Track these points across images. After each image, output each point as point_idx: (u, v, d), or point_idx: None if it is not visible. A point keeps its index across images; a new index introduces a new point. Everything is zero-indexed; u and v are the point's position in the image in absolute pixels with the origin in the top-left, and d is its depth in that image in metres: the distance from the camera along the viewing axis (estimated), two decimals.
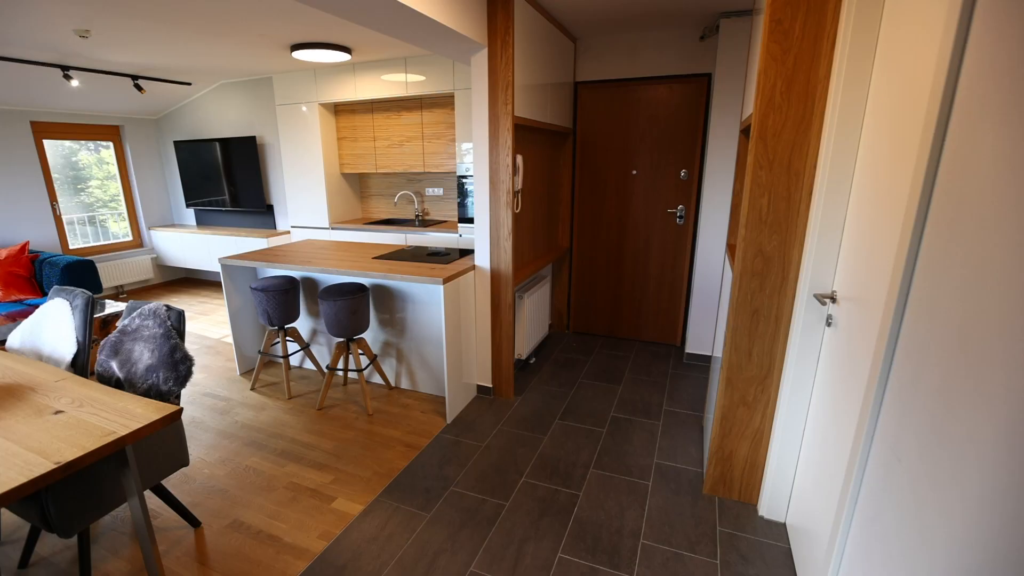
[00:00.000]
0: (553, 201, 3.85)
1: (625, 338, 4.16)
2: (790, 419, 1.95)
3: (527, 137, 3.16)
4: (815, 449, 1.77)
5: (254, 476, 2.45)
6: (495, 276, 2.95)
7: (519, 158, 2.86)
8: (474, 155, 2.84)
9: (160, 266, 6.16)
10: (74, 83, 4.45)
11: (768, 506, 2.10)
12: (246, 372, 3.59)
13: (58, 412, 1.66)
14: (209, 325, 4.67)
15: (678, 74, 3.48)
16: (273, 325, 3.09)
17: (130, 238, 5.92)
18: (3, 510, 2.23)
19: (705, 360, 3.64)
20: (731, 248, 2.54)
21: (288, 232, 5.25)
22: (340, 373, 3.46)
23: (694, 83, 3.47)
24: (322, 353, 3.58)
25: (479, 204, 2.89)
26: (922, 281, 1.01)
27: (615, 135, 3.78)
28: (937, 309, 0.94)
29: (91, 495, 1.70)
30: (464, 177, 4.01)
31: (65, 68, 4.13)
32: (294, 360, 3.70)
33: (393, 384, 3.34)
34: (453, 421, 2.90)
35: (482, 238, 2.93)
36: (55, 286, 2.56)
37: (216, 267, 5.48)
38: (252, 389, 3.33)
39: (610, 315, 4.16)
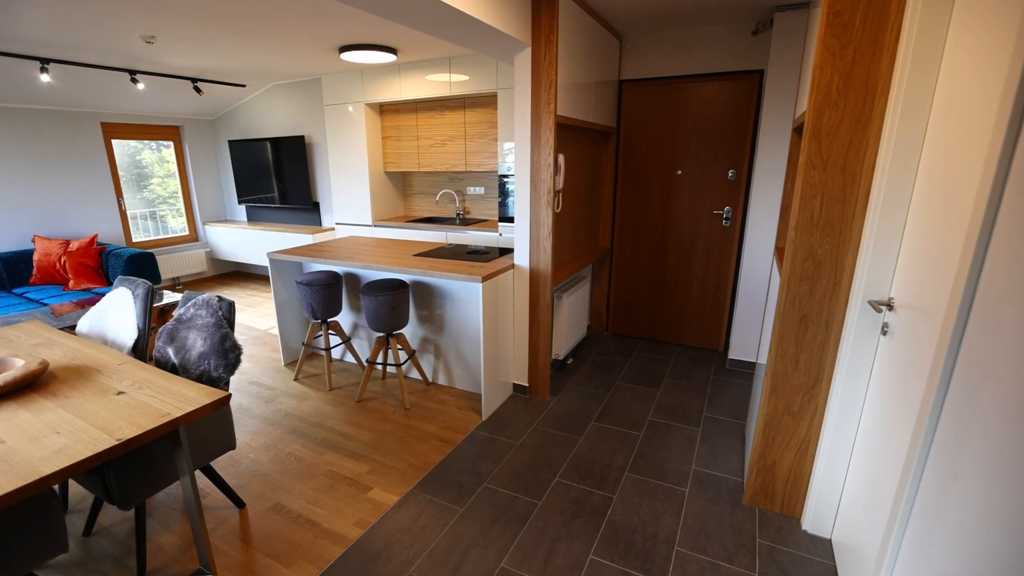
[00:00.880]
0: (594, 201, 3.82)
1: (665, 342, 4.08)
2: (839, 431, 1.87)
3: (569, 136, 3.14)
4: (866, 463, 1.69)
5: (295, 463, 2.53)
6: (534, 275, 2.95)
7: (561, 157, 2.85)
8: (515, 154, 2.84)
9: (213, 259, 6.46)
10: (140, 86, 4.73)
11: (813, 520, 2.01)
12: (290, 363, 3.71)
13: (120, 393, 1.76)
14: (256, 317, 4.86)
15: (728, 71, 3.38)
16: (316, 318, 3.18)
17: (187, 233, 6.25)
18: (70, 481, 2.39)
19: (749, 367, 3.52)
20: (779, 251, 2.45)
21: (333, 229, 5.41)
22: (379, 367, 3.54)
23: (745, 80, 3.37)
24: (362, 347, 3.66)
25: (519, 203, 2.89)
26: (988, 289, 0.95)
27: (660, 134, 3.71)
28: (1003, 319, 0.88)
29: (147, 472, 1.80)
30: (505, 176, 4.02)
31: (132, 72, 4.40)
32: (335, 353, 3.80)
33: (430, 380, 3.39)
34: (488, 418, 2.92)
35: (522, 237, 2.93)
36: (119, 276, 2.72)
37: (264, 261, 5.70)
38: (295, 379, 3.44)
39: (650, 318, 4.08)
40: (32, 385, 1.83)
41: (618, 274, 4.13)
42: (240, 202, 6.07)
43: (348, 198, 4.99)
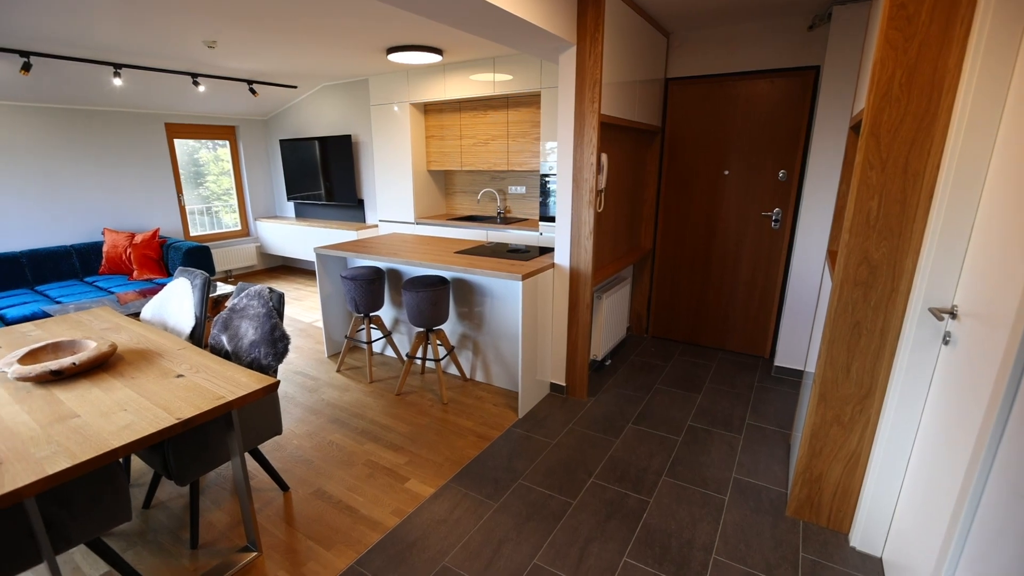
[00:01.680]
0: (637, 201, 3.77)
1: (707, 346, 3.98)
2: (893, 443, 1.78)
3: (612, 135, 3.11)
4: (922, 479, 1.60)
5: (336, 451, 2.62)
6: (574, 275, 2.94)
7: (604, 157, 2.83)
8: (558, 153, 2.84)
9: (263, 253, 6.74)
10: (201, 88, 4.99)
11: (862, 537, 1.93)
12: (333, 355, 3.83)
13: (179, 376, 1.87)
14: (302, 310, 5.04)
15: (781, 68, 3.27)
16: (359, 312, 3.28)
17: (239, 228, 6.54)
18: (132, 456, 2.56)
19: (796, 375, 3.39)
20: (832, 255, 2.35)
21: (376, 226, 5.54)
22: (418, 362, 3.61)
23: (799, 77, 3.24)
24: (402, 342, 3.74)
25: (561, 202, 2.89)
26: None
27: (707, 133, 3.62)
28: None
29: (202, 451, 1.91)
30: (547, 175, 4.02)
31: (194, 75, 4.64)
32: (376, 347, 3.90)
33: (468, 376, 3.43)
34: (524, 416, 2.93)
35: (563, 236, 2.92)
36: (179, 267, 2.89)
37: (309, 256, 5.90)
38: (338, 371, 3.55)
39: (692, 321, 3.99)
40: (103, 365, 1.97)
41: (660, 276, 4.06)
42: (289, 199, 6.31)
43: (391, 196, 5.11)
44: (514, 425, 2.84)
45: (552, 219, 4.06)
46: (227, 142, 6.26)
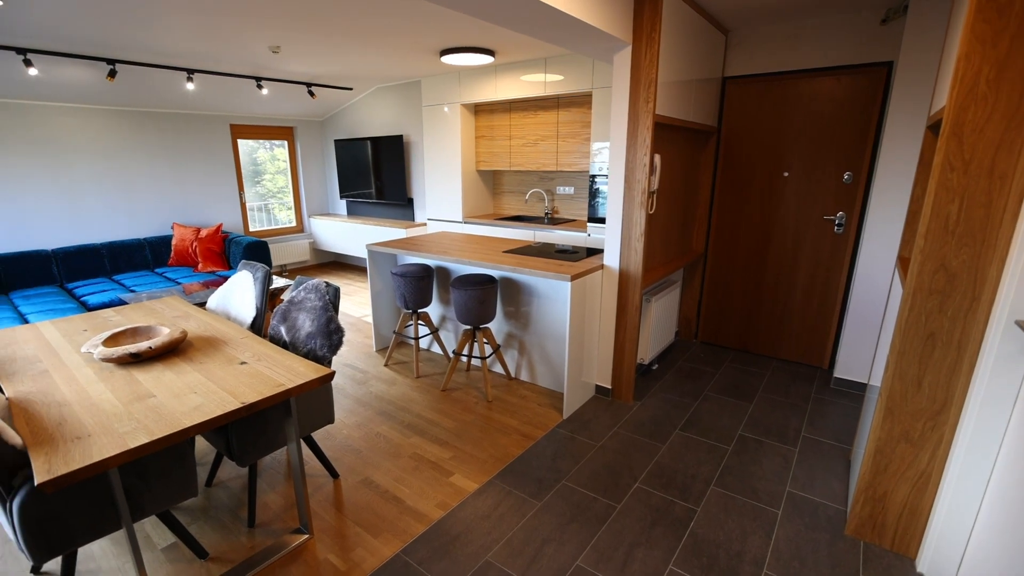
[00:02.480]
0: (689, 203, 3.68)
1: (760, 354, 3.84)
2: (971, 465, 1.66)
3: (666, 136, 3.06)
4: (1004, 505, 1.49)
5: (383, 442, 2.68)
6: (623, 277, 2.90)
7: (657, 157, 2.78)
8: (610, 154, 2.81)
9: (315, 249, 7.00)
10: (264, 91, 5.23)
11: (931, 563, 1.81)
12: (381, 349, 3.94)
13: (243, 363, 1.97)
14: (352, 305, 5.20)
15: (849, 64, 3.11)
16: (408, 308, 3.35)
17: (294, 224, 6.82)
18: (197, 437, 2.71)
19: (858, 387, 3.22)
20: (903, 262, 2.22)
21: (425, 224, 5.65)
22: (464, 359, 3.65)
23: (869, 73, 3.08)
24: (448, 339, 3.80)
25: (612, 203, 2.86)
26: None
27: (765, 134, 3.50)
28: None
29: (261, 435, 2.00)
30: (597, 176, 3.99)
31: (258, 79, 4.87)
32: (423, 343, 3.97)
33: (513, 375, 3.45)
34: (569, 417, 2.91)
35: (613, 238, 2.89)
36: (242, 260, 3.04)
37: (359, 252, 6.08)
38: (385, 365, 3.64)
39: (745, 327, 3.86)
40: (175, 350, 2.09)
41: (712, 280, 3.95)
42: (342, 197, 6.53)
43: (440, 195, 5.20)
44: (558, 426, 2.83)
45: (600, 220, 4.02)
46: (285, 142, 6.54)
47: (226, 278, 4.80)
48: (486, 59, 4.01)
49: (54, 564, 1.92)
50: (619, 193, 2.82)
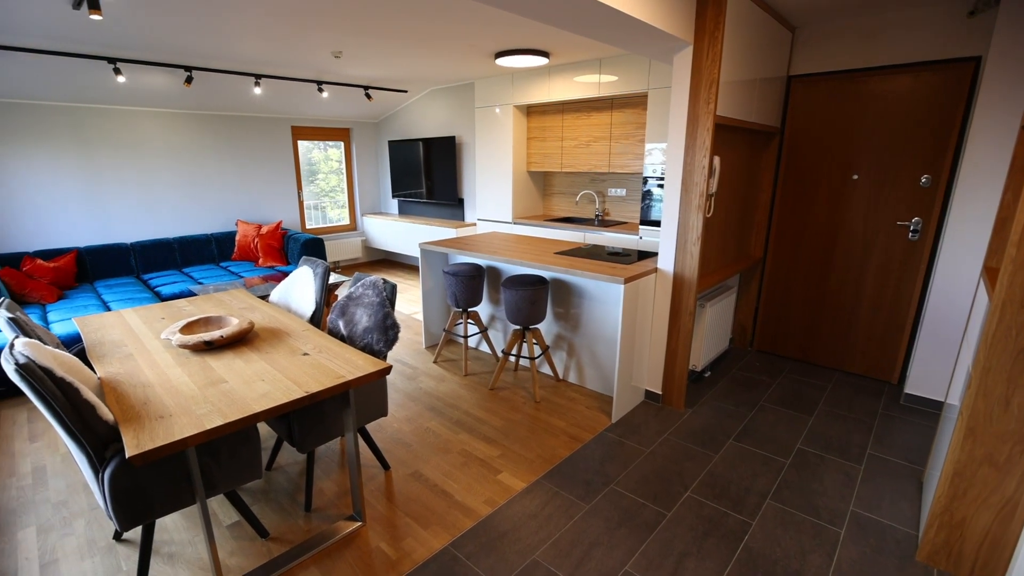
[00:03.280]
0: (748, 207, 3.55)
1: (822, 366, 3.66)
2: None
3: (726, 137, 2.97)
4: None
5: (433, 437, 2.73)
6: (678, 281, 2.84)
7: (716, 159, 2.70)
8: (667, 156, 2.76)
9: (367, 247, 7.21)
10: (324, 94, 5.44)
11: None
12: (430, 346, 4.01)
13: (305, 354, 2.05)
14: (402, 302, 5.32)
15: (930, 60, 2.91)
16: (459, 307, 3.40)
17: (347, 222, 7.05)
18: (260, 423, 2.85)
19: (933, 405, 3.01)
20: (990, 272, 2.06)
21: (474, 224, 5.72)
22: (512, 359, 3.67)
23: (953, 70, 2.87)
24: (497, 338, 3.83)
25: (668, 206, 2.80)
26: None
27: (833, 134, 3.33)
28: None
29: (320, 423, 2.08)
30: (651, 178, 3.92)
31: (319, 83, 5.07)
32: (472, 341, 4.02)
33: (561, 376, 3.44)
34: (617, 421, 2.88)
35: (668, 241, 2.83)
36: (304, 256, 3.17)
37: (410, 251, 6.22)
38: (434, 362, 3.71)
39: (805, 337, 3.69)
40: (243, 340, 2.21)
41: (770, 286, 3.80)
42: (394, 196, 6.70)
43: (491, 195, 5.24)
44: (607, 429, 2.80)
45: (653, 223, 3.95)
46: (341, 143, 6.78)
47: (284, 273, 5.02)
48: (540, 61, 4.02)
49: (133, 534, 2.06)
50: (676, 196, 2.76)
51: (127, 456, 1.32)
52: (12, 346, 1.46)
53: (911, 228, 3.13)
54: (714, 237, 3.14)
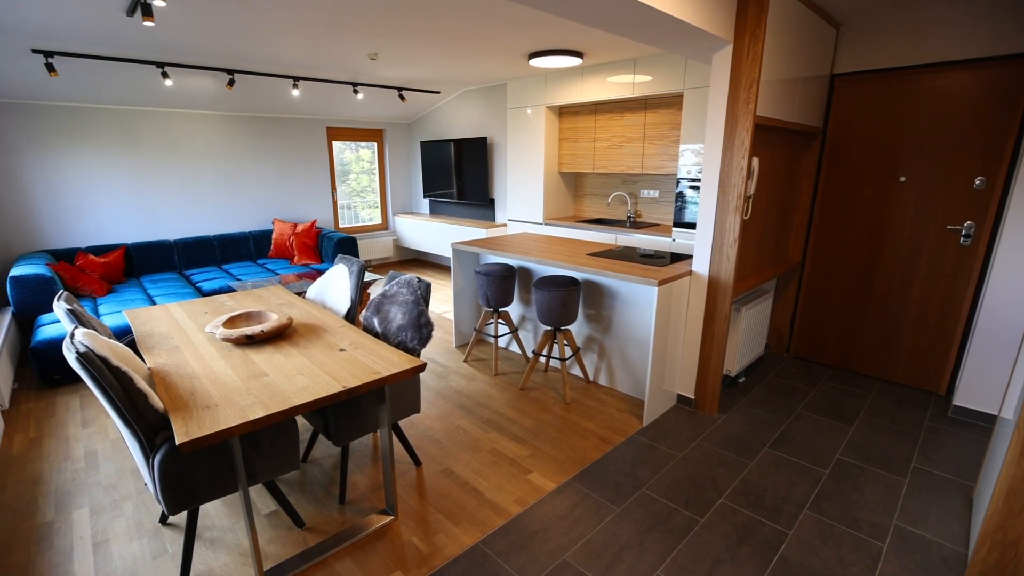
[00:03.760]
0: (787, 209, 3.46)
1: (863, 374, 3.53)
2: None
3: (765, 137, 2.90)
4: None
5: (463, 435, 2.75)
6: (713, 284, 2.79)
7: (755, 161, 2.64)
8: (704, 157, 2.71)
9: (398, 246, 7.31)
10: (359, 96, 5.54)
11: None
12: (460, 345, 4.04)
13: (342, 350, 2.10)
14: (432, 302, 5.38)
15: (988, 56, 2.78)
16: (490, 307, 3.42)
17: (379, 222, 7.16)
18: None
19: (984, 418, 2.87)
20: None
21: (505, 225, 5.74)
22: (543, 359, 3.67)
23: (1013, 66, 2.73)
24: (527, 339, 3.83)
25: (704, 208, 2.76)
26: None
27: (879, 134, 3.22)
28: None
29: (356, 418, 2.12)
30: (685, 180, 3.86)
31: (354, 84, 5.17)
32: (502, 341, 4.04)
33: (591, 378, 3.42)
34: (649, 425, 2.84)
35: (703, 243, 2.79)
36: (340, 254, 3.24)
37: (440, 251, 6.28)
38: (465, 361, 3.74)
39: (845, 344, 3.57)
40: (282, 335, 2.28)
41: (808, 291, 3.70)
42: (425, 196, 6.78)
43: (522, 196, 5.25)
44: (638, 432, 2.77)
45: (687, 225, 3.89)
46: (375, 144, 6.90)
47: (319, 271, 5.14)
48: (574, 61, 4.01)
49: (177, 519, 2.14)
50: (712, 197, 2.71)
51: (177, 443, 1.37)
52: (72, 336, 1.54)
53: (963, 232, 3.00)
54: (751, 240, 3.07)
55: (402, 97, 5.58)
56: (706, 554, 1.94)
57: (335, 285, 2.96)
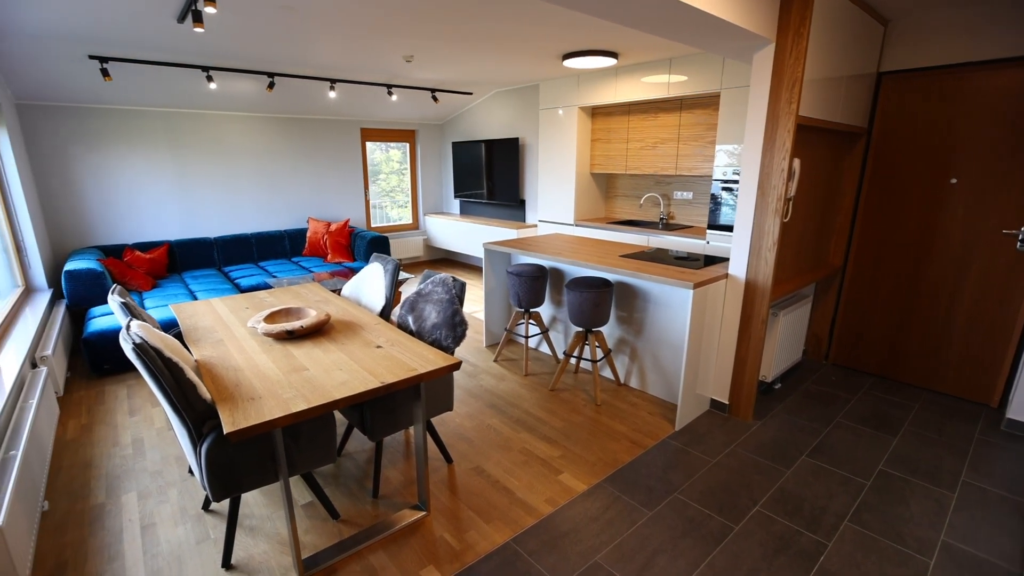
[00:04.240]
0: (828, 212, 3.36)
1: (907, 383, 3.40)
2: None
3: (807, 138, 2.83)
4: None
5: (494, 435, 2.77)
6: (750, 288, 2.73)
7: (796, 162, 2.58)
8: (743, 158, 2.66)
9: (428, 246, 7.39)
10: (393, 98, 5.64)
11: None
12: (491, 345, 4.06)
13: (378, 347, 2.14)
14: None
15: None
16: (521, 307, 3.42)
17: (410, 221, 7.26)
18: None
19: None
20: None
21: (535, 226, 5.74)
22: (573, 361, 3.66)
23: None
24: (557, 340, 3.83)
25: (742, 210, 2.70)
26: None
27: (928, 134, 3.10)
28: None
29: (391, 414, 2.16)
30: (720, 181, 3.79)
31: (389, 86, 5.26)
32: (532, 342, 4.04)
33: (622, 381, 3.39)
34: (681, 429, 2.80)
35: (741, 246, 2.74)
36: (375, 253, 3.29)
37: (470, 251, 6.32)
38: (495, 361, 3.75)
39: (888, 352, 3.45)
40: (320, 331, 2.33)
41: (849, 296, 3.58)
42: (456, 196, 6.84)
43: (552, 197, 5.25)
44: (670, 436, 2.73)
45: (721, 227, 3.82)
46: (407, 144, 7.00)
47: (351, 269, 5.24)
48: (609, 61, 3.99)
49: (218, 506, 2.22)
50: (751, 199, 2.66)
51: (225, 432, 1.42)
52: (128, 327, 1.62)
53: (1020, 237, 2.85)
54: (790, 243, 3.00)
55: (435, 98, 5.65)
56: (741, 562, 1.90)
57: (370, 283, 3.01)
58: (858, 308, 3.55)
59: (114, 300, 2.12)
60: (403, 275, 4.60)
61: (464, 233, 6.39)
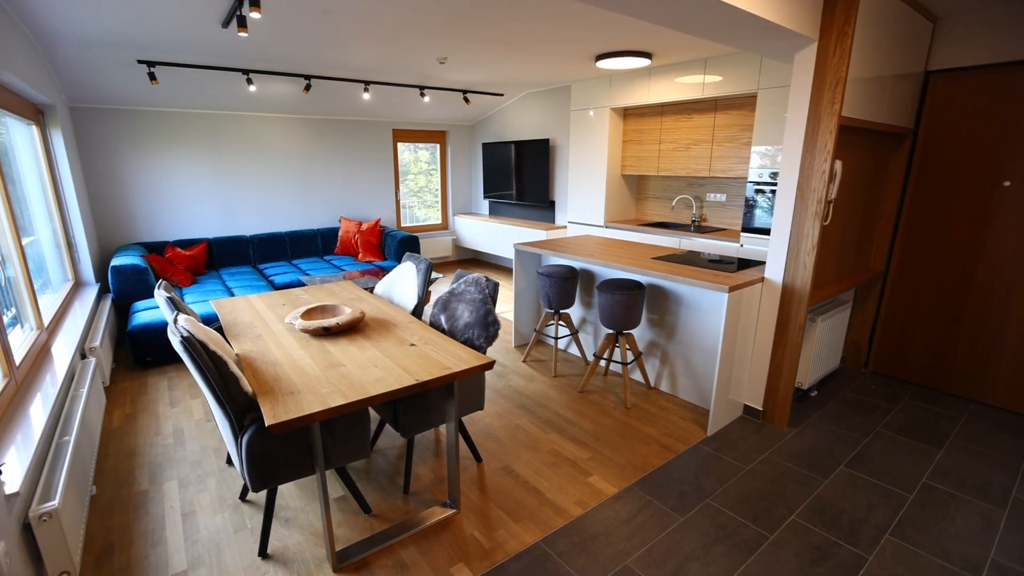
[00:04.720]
0: (870, 215, 3.26)
1: (953, 394, 3.27)
2: None
3: (849, 139, 2.75)
4: None
5: (523, 435, 2.77)
6: (787, 292, 2.67)
7: (838, 164, 2.51)
8: (783, 160, 2.60)
9: (457, 246, 7.45)
10: (426, 99, 5.70)
11: None
12: (520, 346, 4.07)
13: (412, 345, 2.16)
14: None
15: None
16: (551, 308, 3.42)
17: (439, 221, 7.32)
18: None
19: None
20: None
21: (565, 227, 5.73)
22: (603, 363, 3.63)
23: None
24: (587, 342, 3.81)
25: (780, 212, 2.64)
26: None
27: (980, 135, 2.97)
28: None
29: (424, 411, 2.18)
30: (756, 183, 3.72)
31: (421, 88, 5.32)
32: (561, 343, 4.03)
33: (652, 384, 3.35)
34: (713, 435, 2.75)
35: (778, 249, 2.67)
36: (407, 252, 3.34)
37: (499, 251, 6.34)
38: (524, 361, 3.76)
39: (932, 361, 3.32)
40: (355, 328, 2.37)
41: (891, 302, 3.46)
42: (485, 197, 6.87)
43: (583, 198, 5.22)
44: (702, 442, 2.69)
45: (757, 230, 3.74)
46: (437, 145, 7.06)
47: (382, 268, 5.32)
48: (642, 62, 3.95)
49: (254, 497, 2.28)
50: (790, 202, 2.60)
51: (267, 424, 1.46)
52: (176, 321, 1.68)
53: None
54: (830, 247, 2.91)
55: (466, 99, 5.68)
56: (777, 572, 1.86)
57: (402, 282, 3.05)
58: (900, 315, 3.43)
59: (160, 295, 2.21)
60: (434, 275, 4.65)
61: (493, 234, 6.41)
